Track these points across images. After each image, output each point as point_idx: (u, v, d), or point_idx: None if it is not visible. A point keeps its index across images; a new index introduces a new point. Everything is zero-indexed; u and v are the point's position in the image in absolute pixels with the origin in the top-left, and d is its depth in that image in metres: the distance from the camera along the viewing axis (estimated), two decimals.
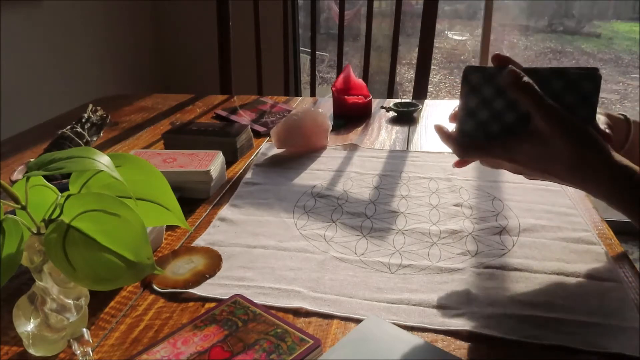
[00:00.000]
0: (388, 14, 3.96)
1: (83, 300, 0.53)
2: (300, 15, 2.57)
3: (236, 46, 1.64)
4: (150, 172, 0.54)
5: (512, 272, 0.64)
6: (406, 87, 4.63)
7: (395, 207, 0.82)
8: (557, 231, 0.72)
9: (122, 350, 0.53)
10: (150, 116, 1.32)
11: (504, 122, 0.58)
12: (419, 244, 0.71)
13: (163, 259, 0.68)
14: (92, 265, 0.47)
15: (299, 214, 0.80)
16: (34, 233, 0.48)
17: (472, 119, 0.59)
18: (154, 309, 0.59)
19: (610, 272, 0.63)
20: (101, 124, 1.04)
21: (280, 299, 0.60)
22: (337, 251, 0.70)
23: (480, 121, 0.59)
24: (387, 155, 1.02)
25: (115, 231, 0.47)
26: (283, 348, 0.50)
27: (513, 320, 0.55)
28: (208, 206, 0.84)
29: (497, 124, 0.59)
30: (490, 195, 0.84)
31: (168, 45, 2.65)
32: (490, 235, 0.72)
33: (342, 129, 1.18)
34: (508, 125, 0.58)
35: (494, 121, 0.59)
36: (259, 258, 0.68)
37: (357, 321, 0.55)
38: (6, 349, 0.54)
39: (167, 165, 0.87)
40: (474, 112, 0.59)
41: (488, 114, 0.59)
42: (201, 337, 0.52)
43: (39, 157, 0.48)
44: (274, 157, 1.03)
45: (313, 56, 1.62)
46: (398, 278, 0.64)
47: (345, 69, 1.29)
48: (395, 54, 1.56)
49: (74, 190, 0.50)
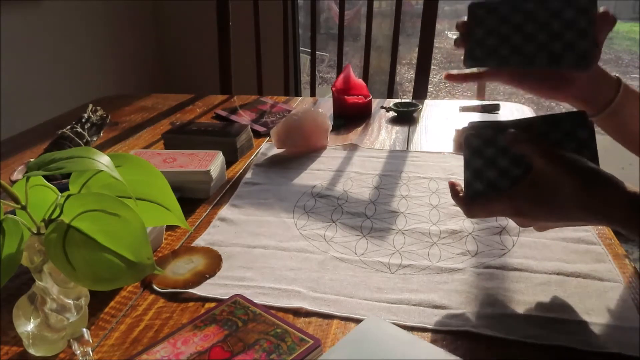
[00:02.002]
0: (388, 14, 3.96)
1: (83, 300, 0.53)
2: (300, 15, 2.57)
3: (236, 46, 1.64)
4: (150, 172, 0.54)
5: (512, 272, 0.64)
6: (406, 87, 4.63)
7: (395, 207, 0.82)
8: (557, 231, 0.72)
9: (122, 350, 0.53)
10: (150, 116, 1.32)
11: (511, 175, 0.58)
12: (419, 244, 0.71)
13: (163, 259, 0.68)
14: (92, 265, 0.47)
15: (299, 214, 0.80)
16: (34, 233, 0.48)
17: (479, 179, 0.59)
18: (154, 309, 0.59)
19: (610, 272, 0.63)
20: (101, 124, 1.04)
21: (280, 299, 0.60)
22: (337, 251, 0.70)
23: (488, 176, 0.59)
24: (387, 155, 1.02)
25: (115, 231, 0.47)
26: (283, 348, 0.50)
27: (513, 320, 0.55)
28: (208, 206, 0.84)
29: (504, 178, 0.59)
30: None
31: (168, 45, 2.65)
32: (490, 235, 0.72)
33: (342, 129, 1.18)
34: (512, 174, 0.58)
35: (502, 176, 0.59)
36: (259, 258, 0.68)
37: (357, 321, 0.55)
38: (6, 349, 0.54)
39: (167, 165, 0.87)
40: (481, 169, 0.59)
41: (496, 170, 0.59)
42: (201, 337, 0.52)
43: (39, 157, 0.48)
44: (274, 157, 1.03)
45: (313, 56, 1.62)
46: (398, 278, 0.64)
47: (345, 69, 1.29)
48: (395, 54, 1.56)
49: (74, 190, 0.50)
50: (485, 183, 0.59)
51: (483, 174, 0.59)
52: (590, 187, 0.51)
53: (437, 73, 5.02)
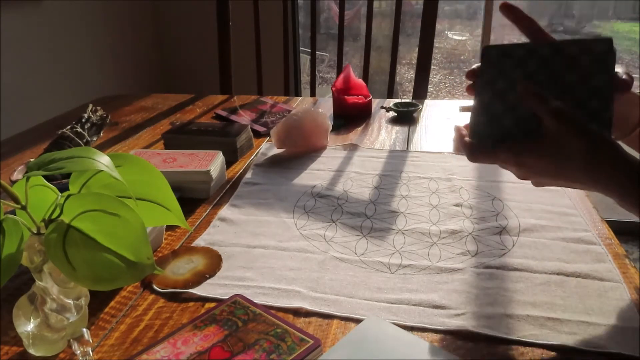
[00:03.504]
0: (388, 14, 3.96)
1: (83, 300, 0.53)
2: (300, 15, 2.57)
3: (236, 46, 1.64)
4: (150, 172, 0.54)
5: (512, 272, 0.64)
6: (406, 87, 4.63)
7: (395, 207, 0.82)
8: (557, 231, 0.72)
9: (122, 350, 0.53)
10: (150, 116, 1.32)
11: (517, 118, 0.57)
12: (419, 244, 0.71)
13: (163, 259, 0.68)
14: (92, 265, 0.47)
15: (299, 214, 0.80)
16: (34, 233, 0.48)
17: (485, 115, 0.58)
18: (154, 309, 0.59)
19: (610, 272, 0.63)
20: (101, 124, 1.04)
21: (280, 299, 0.60)
22: (337, 251, 0.70)
23: (494, 115, 0.58)
24: (387, 155, 1.02)
25: (115, 231, 0.47)
26: (283, 348, 0.50)
27: (513, 320, 0.55)
28: (208, 206, 0.84)
29: (510, 119, 0.57)
30: (490, 195, 0.84)
31: (168, 45, 2.65)
32: (490, 235, 0.72)
33: (342, 129, 1.18)
34: (520, 124, 0.57)
35: (507, 116, 0.57)
36: (259, 258, 0.68)
37: (357, 321, 0.55)
38: (6, 349, 0.54)
39: (167, 165, 0.87)
40: (488, 103, 0.58)
41: (502, 108, 0.58)
42: (201, 337, 0.52)
43: (39, 157, 0.48)
44: (274, 157, 1.03)
45: (313, 56, 1.62)
46: (398, 278, 0.64)
47: (345, 69, 1.29)
48: (395, 54, 1.56)
49: (74, 190, 0.50)
50: (493, 127, 0.58)
51: (491, 107, 0.58)
52: (595, 153, 0.52)
53: (437, 73, 5.02)
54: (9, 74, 1.77)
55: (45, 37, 1.97)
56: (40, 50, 1.95)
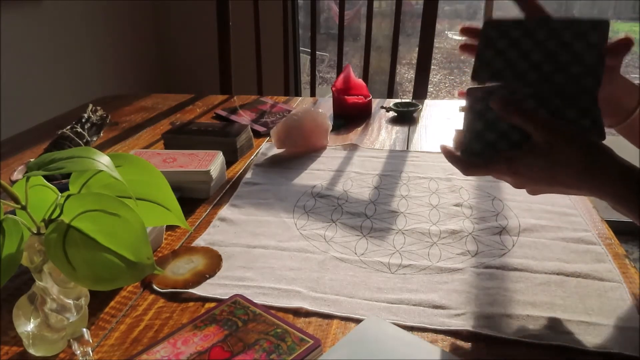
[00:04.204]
0: (388, 14, 3.96)
1: (83, 300, 0.53)
2: (300, 15, 2.57)
3: (236, 46, 1.64)
4: (150, 172, 0.54)
5: (512, 272, 0.64)
6: (406, 87, 4.64)
7: (395, 207, 0.82)
8: (557, 231, 0.72)
9: (122, 350, 0.53)
10: (150, 116, 1.32)
11: (506, 130, 0.57)
12: (419, 244, 0.71)
13: (163, 259, 0.68)
14: (92, 265, 0.47)
15: (299, 214, 0.80)
16: (34, 233, 0.48)
17: (475, 130, 0.58)
18: (154, 309, 0.59)
19: (610, 272, 0.63)
20: (101, 124, 1.04)
21: (280, 299, 0.60)
22: (337, 251, 0.70)
23: (484, 128, 0.58)
24: (387, 155, 1.02)
25: (115, 231, 0.47)
26: (283, 348, 0.50)
27: (513, 320, 0.55)
28: (208, 206, 0.84)
29: (499, 131, 0.57)
30: (490, 195, 0.84)
31: (168, 45, 2.65)
32: (490, 235, 0.72)
33: (342, 129, 1.18)
34: (509, 135, 0.57)
35: (497, 128, 0.57)
36: (259, 258, 0.68)
37: (357, 321, 0.55)
38: (6, 349, 0.54)
39: (167, 165, 0.87)
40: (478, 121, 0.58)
41: (490, 121, 0.58)
42: (201, 337, 0.52)
43: (39, 157, 0.48)
44: (274, 157, 1.03)
45: (313, 56, 1.62)
46: (398, 278, 0.64)
47: (345, 69, 1.29)
48: (395, 54, 1.56)
49: (74, 190, 0.50)
50: (483, 140, 0.57)
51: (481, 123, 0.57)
52: (588, 159, 0.52)
53: (437, 73, 5.02)
54: (9, 74, 1.77)
55: (45, 37, 1.97)
56: (40, 50, 1.95)
